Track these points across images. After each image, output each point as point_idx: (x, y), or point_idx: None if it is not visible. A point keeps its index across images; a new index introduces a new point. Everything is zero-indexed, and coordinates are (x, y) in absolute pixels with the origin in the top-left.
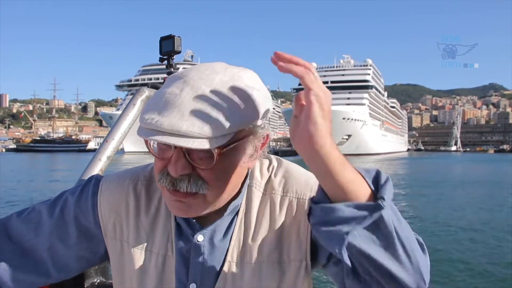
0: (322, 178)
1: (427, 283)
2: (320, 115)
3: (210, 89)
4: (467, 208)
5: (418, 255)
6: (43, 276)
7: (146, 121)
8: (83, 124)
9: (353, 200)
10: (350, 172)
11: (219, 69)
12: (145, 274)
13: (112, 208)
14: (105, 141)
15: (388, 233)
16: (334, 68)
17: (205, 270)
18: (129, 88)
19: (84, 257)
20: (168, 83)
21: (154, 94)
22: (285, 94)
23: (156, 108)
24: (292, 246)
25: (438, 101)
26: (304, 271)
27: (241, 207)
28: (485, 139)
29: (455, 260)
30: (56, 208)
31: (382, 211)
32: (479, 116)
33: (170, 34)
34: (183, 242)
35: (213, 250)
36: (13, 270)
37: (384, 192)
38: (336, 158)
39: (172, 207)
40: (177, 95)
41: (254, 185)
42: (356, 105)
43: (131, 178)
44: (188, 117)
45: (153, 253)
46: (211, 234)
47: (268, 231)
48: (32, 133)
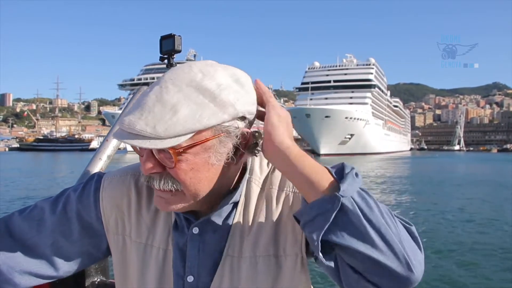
0: (287, 172)
1: (417, 272)
2: (276, 119)
3: (177, 88)
4: (472, 208)
5: (402, 242)
6: (46, 272)
7: (119, 119)
8: (86, 123)
9: (319, 191)
10: (313, 163)
11: (197, 69)
12: (147, 268)
13: (114, 203)
14: (106, 140)
15: (358, 221)
16: (337, 67)
17: (202, 263)
18: (132, 87)
19: (87, 253)
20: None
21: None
22: (288, 93)
23: (131, 106)
24: (288, 240)
25: (441, 100)
26: (300, 265)
27: (239, 201)
28: (488, 139)
29: (460, 259)
30: (59, 204)
31: (343, 200)
32: (483, 115)
33: (170, 33)
34: (179, 235)
35: (210, 243)
36: (16, 267)
37: (345, 181)
38: (296, 151)
39: (155, 201)
40: (145, 95)
41: (253, 180)
42: (359, 104)
43: (132, 174)
44: (145, 116)
45: (154, 248)
46: (206, 227)
47: (265, 225)
48: (35, 132)
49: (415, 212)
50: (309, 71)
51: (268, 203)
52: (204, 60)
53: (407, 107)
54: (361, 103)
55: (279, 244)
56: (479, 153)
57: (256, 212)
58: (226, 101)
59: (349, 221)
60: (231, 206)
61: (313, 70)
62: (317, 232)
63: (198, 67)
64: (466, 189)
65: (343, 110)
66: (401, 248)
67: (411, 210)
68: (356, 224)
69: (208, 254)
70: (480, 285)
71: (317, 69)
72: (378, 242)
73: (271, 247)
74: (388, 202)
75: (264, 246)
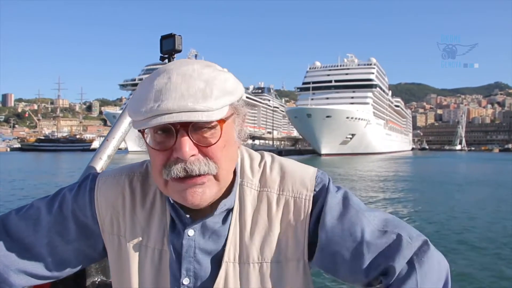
0: None
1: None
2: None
3: (195, 72)
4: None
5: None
6: (42, 272)
7: (144, 112)
8: (87, 124)
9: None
10: None
11: (192, 60)
12: (142, 269)
13: (109, 203)
14: (106, 140)
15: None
16: (338, 67)
17: (199, 267)
18: (133, 87)
19: (83, 253)
20: (148, 81)
21: (134, 93)
22: (289, 93)
23: (148, 98)
24: (290, 246)
25: (443, 100)
26: (303, 271)
27: (234, 206)
28: (490, 138)
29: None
30: (55, 204)
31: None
32: (484, 115)
33: (170, 33)
34: (175, 236)
35: (205, 247)
36: (12, 266)
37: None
38: None
39: (185, 196)
40: (167, 83)
41: (246, 183)
42: (360, 104)
43: (127, 174)
44: (188, 95)
45: (149, 248)
46: (202, 230)
47: (265, 230)
48: (37, 132)
49: (421, 212)
50: (310, 71)
51: (267, 207)
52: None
53: (409, 107)
54: (362, 103)
55: (280, 250)
56: (480, 153)
57: (254, 217)
58: (235, 81)
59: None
60: (227, 211)
61: (314, 70)
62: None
63: (192, 60)
64: (472, 189)
65: (344, 110)
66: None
67: (418, 209)
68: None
69: (204, 258)
70: (495, 284)
71: (318, 69)
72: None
73: (272, 253)
74: (389, 202)
75: (265, 252)
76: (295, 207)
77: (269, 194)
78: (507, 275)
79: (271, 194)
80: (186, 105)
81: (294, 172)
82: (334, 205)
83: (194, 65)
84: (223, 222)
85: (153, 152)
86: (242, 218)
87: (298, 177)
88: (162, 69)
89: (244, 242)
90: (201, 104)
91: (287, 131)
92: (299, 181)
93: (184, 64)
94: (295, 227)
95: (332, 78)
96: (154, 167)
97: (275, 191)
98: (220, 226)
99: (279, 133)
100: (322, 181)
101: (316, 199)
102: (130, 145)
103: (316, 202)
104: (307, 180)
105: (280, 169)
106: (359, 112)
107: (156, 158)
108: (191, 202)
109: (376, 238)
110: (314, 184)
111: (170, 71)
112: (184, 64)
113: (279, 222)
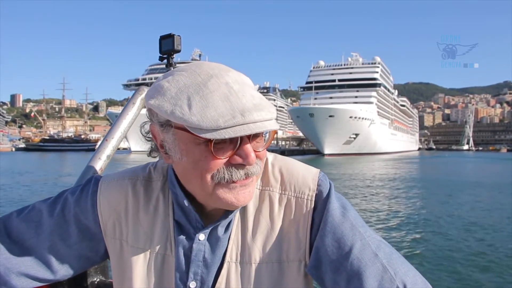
0: None
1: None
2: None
3: (240, 77)
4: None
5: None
6: (44, 275)
7: (230, 121)
8: (94, 124)
9: None
10: None
11: (212, 64)
12: (144, 273)
13: (112, 207)
14: (105, 140)
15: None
16: (342, 66)
17: (206, 270)
18: (137, 87)
19: (85, 256)
20: (196, 87)
21: (195, 99)
22: (295, 93)
23: (224, 107)
24: (291, 246)
25: (451, 99)
26: (304, 271)
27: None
28: (498, 138)
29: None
30: (57, 207)
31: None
32: (493, 114)
33: (169, 33)
34: (184, 241)
35: (214, 249)
36: (13, 269)
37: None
38: None
39: (238, 197)
40: (231, 89)
41: None
42: (364, 103)
43: (130, 178)
44: (261, 106)
45: (152, 253)
46: (213, 233)
47: (267, 230)
48: (43, 132)
49: (426, 213)
50: (314, 70)
51: (269, 207)
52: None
53: (416, 107)
54: (366, 102)
55: (282, 250)
56: (488, 153)
57: (256, 216)
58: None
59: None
60: (232, 211)
61: (318, 69)
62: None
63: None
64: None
65: (347, 109)
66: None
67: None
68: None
69: (212, 260)
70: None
71: (322, 68)
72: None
73: (273, 253)
74: (390, 202)
75: (266, 252)
76: (297, 206)
77: (271, 193)
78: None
79: (273, 193)
80: (266, 115)
81: (297, 171)
82: (332, 212)
83: (229, 72)
84: (229, 223)
85: (210, 157)
86: (244, 217)
87: (301, 177)
88: (203, 72)
89: (246, 242)
90: (274, 113)
91: (293, 130)
92: (302, 180)
93: (222, 71)
94: (297, 228)
95: (335, 77)
96: (204, 171)
97: (277, 190)
98: (226, 227)
99: (285, 133)
100: (324, 183)
101: (317, 199)
102: (133, 144)
103: (317, 202)
104: (309, 180)
105: (282, 168)
106: (362, 111)
107: (211, 164)
108: (243, 202)
109: (363, 257)
110: (316, 184)
111: (219, 76)
112: (223, 70)
113: (281, 221)
